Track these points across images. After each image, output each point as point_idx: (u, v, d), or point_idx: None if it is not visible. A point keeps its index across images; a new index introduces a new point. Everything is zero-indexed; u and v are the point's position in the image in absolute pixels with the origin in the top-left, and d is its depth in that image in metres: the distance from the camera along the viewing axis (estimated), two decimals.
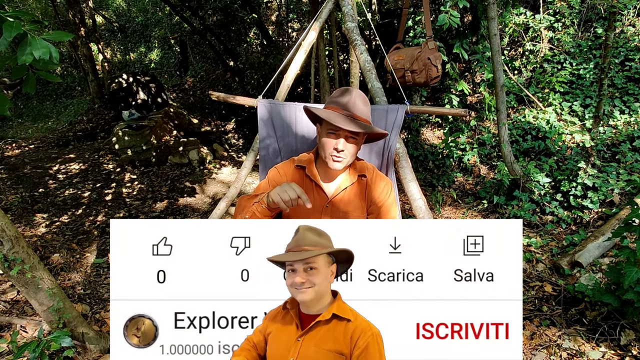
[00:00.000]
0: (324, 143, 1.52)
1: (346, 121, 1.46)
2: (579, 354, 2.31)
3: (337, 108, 1.51)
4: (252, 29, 8.98)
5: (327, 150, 1.51)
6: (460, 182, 5.17)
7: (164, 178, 5.59)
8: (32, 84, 1.62)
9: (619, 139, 4.64)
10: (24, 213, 4.37)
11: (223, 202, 2.26)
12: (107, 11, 13.62)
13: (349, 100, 1.51)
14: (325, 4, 2.45)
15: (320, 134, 1.55)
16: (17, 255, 1.95)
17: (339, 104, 1.52)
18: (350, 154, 1.52)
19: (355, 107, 1.51)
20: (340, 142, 1.48)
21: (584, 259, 3.13)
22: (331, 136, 1.50)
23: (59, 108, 10.91)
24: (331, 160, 1.52)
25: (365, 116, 1.53)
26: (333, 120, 1.44)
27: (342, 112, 1.50)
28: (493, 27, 3.73)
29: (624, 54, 5.51)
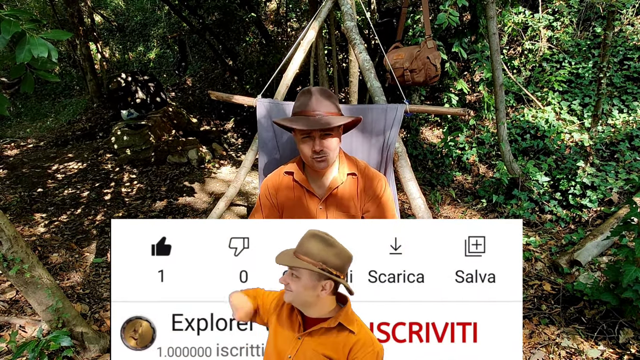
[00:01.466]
0: (302, 149, 1.54)
1: (313, 122, 1.47)
2: (577, 352, 2.32)
3: (300, 112, 1.53)
4: (251, 28, 8.97)
5: (307, 155, 1.53)
6: (459, 181, 5.18)
7: (163, 177, 5.58)
8: (31, 83, 1.61)
9: (617, 138, 4.65)
10: (22, 212, 4.36)
11: (222, 201, 2.26)
12: (105, 10, 13.59)
13: (310, 100, 1.52)
14: (324, 3, 2.44)
15: (297, 141, 1.57)
16: (16, 255, 1.94)
17: (302, 107, 1.53)
18: (331, 150, 1.52)
19: (319, 104, 1.51)
20: (317, 143, 1.49)
21: (583, 257, 3.14)
22: (306, 140, 1.51)
23: (58, 107, 10.89)
24: (314, 162, 1.53)
25: (331, 109, 1.53)
26: (299, 126, 1.47)
27: (307, 113, 1.51)
28: (492, 26, 3.73)
29: (623, 53, 5.52)
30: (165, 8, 11.74)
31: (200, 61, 11.03)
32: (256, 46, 9.08)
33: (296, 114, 1.55)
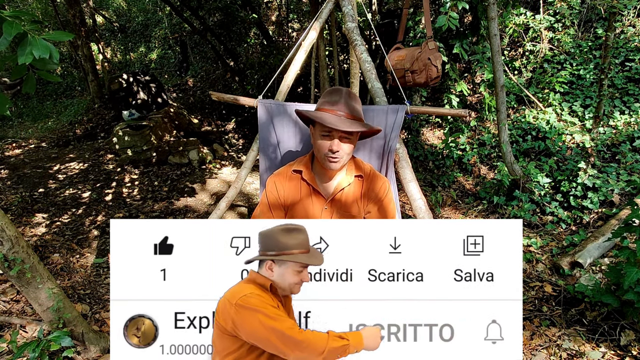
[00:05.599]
0: (319, 145, 1.52)
1: (338, 121, 1.46)
2: (578, 354, 2.31)
3: (328, 109, 1.52)
4: (252, 29, 8.98)
5: (322, 152, 1.52)
6: (460, 183, 5.17)
7: (164, 178, 5.59)
8: (32, 84, 1.62)
9: (619, 139, 4.64)
10: (24, 213, 4.37)
11: (223, 202, 2.26)
12: (107, 11, 13.62)
13: (339, 100, 1.51)
14: (325, 4, 2.45)
15: (314, 136, 1.56)
16: (17, 255, 1.95)
17: (330, 105, 1.52)
18: (346, 154, 1.52)
19: (346, 107, 1.51)
20: (335, 142, 1.48)
21: (584, 259, 3.13)
22: (325, 138, 1.50)
23: (59, 108, 10.91)
24: (327, 161, 1.52)
25: (357, 114, 1.53)
26: (326, 122, 1.45)
27: (333, 112, 1.50)
28: (493, 27, 3.73)
29: (624, 55, 5.51)
30: (166, 9, 11.77)
31: (201, 62, 11.05)
32: (257, 47, 9.10)
33: (322, 110, 1.53)
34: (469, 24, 5.37)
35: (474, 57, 5.63)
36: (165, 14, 12.47)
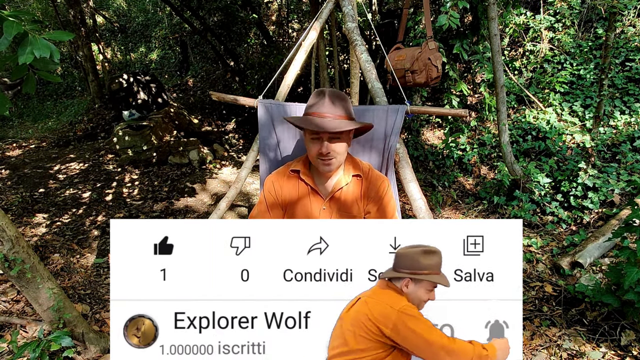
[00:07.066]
0: (309, 149, 1.54)
1: (323, 123, 1.46)
2: (579, 354, 2.31)
3: (313, 112, 1.52)
4: (252, 29, 8.98)
5: (313, 156, 1.53)
6: (461, 183, 5.17)
7: (165, 178, 5.59)
8: (32, 84, 1.62)
9: (619, 139, 4.64)
10: (24, 213, 4.37)
11: (223, 202, 2.26)
12: (107, 11, 13.62)
13: (323, 102, 1.51)
14: (325, 4, 2.45)
15: (305, 140, 1.56)
16: (17, 255, 1.95)
17: (314, 108, 1.52)
18: (339, 154, 1.52)
19: (331, 107, 1.50)
20: (324, 145, 1.48)
21: (584, 259, 3.13)
22: (315, 141, 1.50)
23: (59, 108, 10.92)
24: (320, 164, 1.53)
25: (343, 113, 1.52)
26: (310, 126, 1.46)
27: (318, 114, 1.50)
28: (493, 27, 3.73)
29: (625, 55, 5.51)
30: (167, 9, 11.78)
31: (201, 62, 11.05)
32: (257, 47, 9.11)
33: (307, 114, 1.54)
34: (469, 24, 5.37)
35: (474, 57, 5.63)
36: (165, 14, 12.48)
